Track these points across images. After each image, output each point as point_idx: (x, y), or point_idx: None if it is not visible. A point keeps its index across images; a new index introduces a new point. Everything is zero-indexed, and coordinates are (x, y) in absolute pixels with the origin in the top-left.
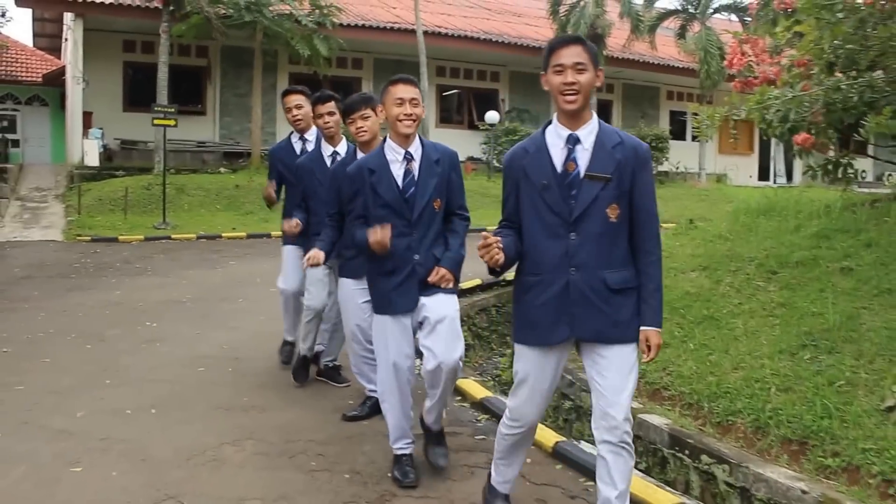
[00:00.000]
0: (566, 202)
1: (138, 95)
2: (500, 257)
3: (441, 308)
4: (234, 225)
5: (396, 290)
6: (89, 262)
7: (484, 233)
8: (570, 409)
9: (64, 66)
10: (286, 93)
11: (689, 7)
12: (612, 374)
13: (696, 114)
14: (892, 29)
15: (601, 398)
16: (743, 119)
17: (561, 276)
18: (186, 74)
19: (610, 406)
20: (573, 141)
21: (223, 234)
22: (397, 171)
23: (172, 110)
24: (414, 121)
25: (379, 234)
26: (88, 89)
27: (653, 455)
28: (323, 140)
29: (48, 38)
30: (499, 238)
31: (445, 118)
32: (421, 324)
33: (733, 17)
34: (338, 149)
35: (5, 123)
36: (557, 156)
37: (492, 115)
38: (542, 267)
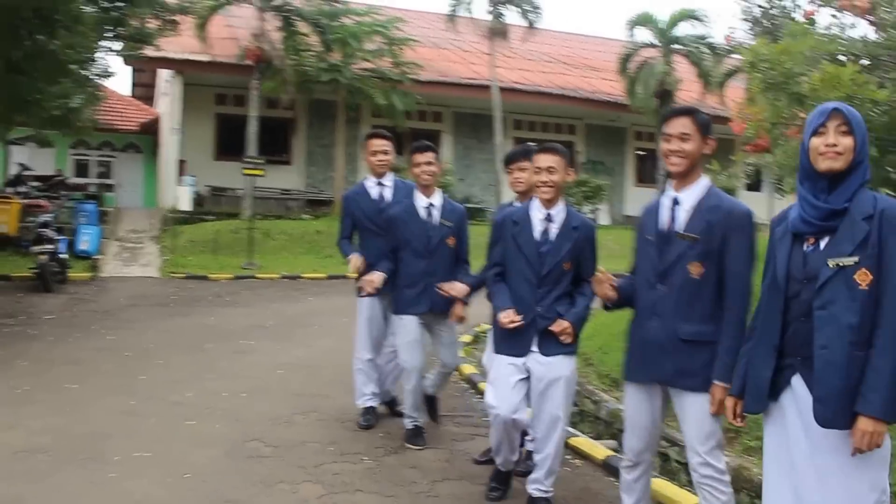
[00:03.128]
0: (661, 257)
1: (228, 145)
2: (612, 294)
3: (557, 369)
4: (315, 267)
5: (512, 336)
6: (184, 294)
7: (599, 269)
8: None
9: (158, 116)
10: (372, 136)
11: None
12: (686, 421)
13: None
14: None
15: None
16: None
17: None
18: (274, 126)
19: (687, 450)
20: (673, 201)
21: (304, 275)
22: (538, 228)
23: (261, 161)
24: (551, 187)
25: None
26: (182, 139)
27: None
28: (416, 190)
29: (143, 88)
30: (611, 277)
31: None
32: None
33: None
34: (433, 200)
35: (103, 169)
36: (664, 214)
37: None
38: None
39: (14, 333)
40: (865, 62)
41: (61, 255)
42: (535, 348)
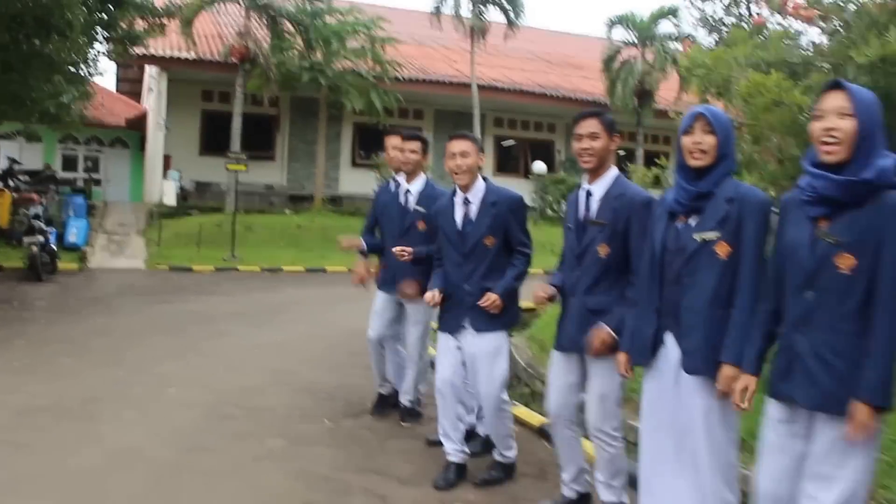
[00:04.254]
0: (578, 242)
1: (213, 141)
2: (549, 298)
3: (486, 344)
4: (295, 260)
5: (448, 313)
6: (169, 285)
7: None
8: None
9: (145, 111)
10: (395, 135)
11: None
12: (589, 382)
13: None
14: None
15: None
16: None
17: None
18: (258, 123)
19: (586, 408)
20: (587, 193)
21: (284, 268)
22: (459, 212)
23: (244, 157)
24: (465, 171)
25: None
26: (168, 134)
27: None
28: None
29: (130, 83)
30: (546, 293)
31: (502, 167)
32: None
33: None
34: (410, 186)
35: (90, 164)
36: (581, 205)
37: (538, 166)
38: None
39: (9, 317)
40: (798, 69)
41: (51, 247)
42: (466, 324)
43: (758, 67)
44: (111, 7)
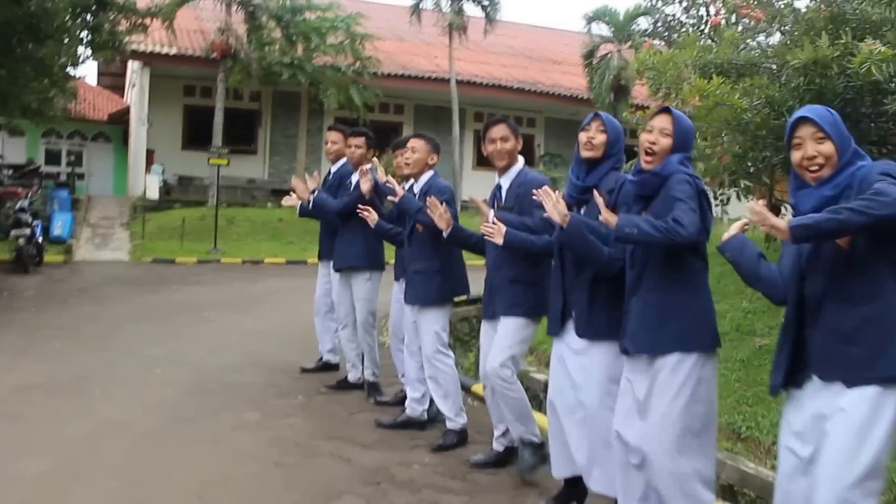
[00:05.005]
0: None
1: (196, 135)
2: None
3: (417, 315)
4: (276, 252)
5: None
6: (153, 276)
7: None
8: None
9: (128, 106)
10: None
11: None
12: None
13: None
14: None
15: None
16: None
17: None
18: (240, 117)
19: (488, 360)
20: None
21: (265, 260)
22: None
23: (226, 151)
24: (408, 164)
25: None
26: (151, 129)
27: None
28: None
29: (112, 77)
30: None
31: (483, 161)
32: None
33: None
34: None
35: (73, 158)
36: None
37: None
38: None
39: (0, 307)
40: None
41: (38, 239)
42: (405, 297)
43: (706, 69)
44: (96, 10)
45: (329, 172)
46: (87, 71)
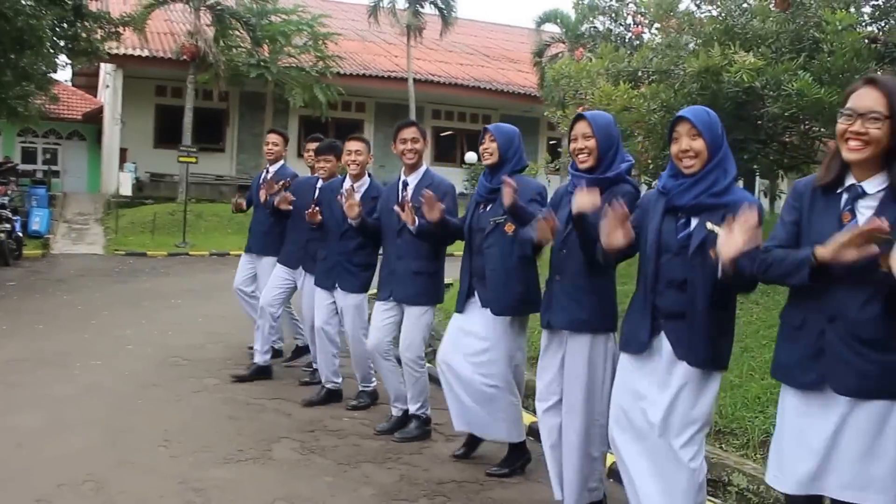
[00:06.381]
0: (399, 220)
1: (167, 134)
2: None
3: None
4: (241, 245)
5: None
6: (125, 268)
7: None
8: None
9: (101, 106)
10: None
11: None
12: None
13: None
14: None
15: None
16: None
17: None
18: (209, 116)
19: (401, 343)
20: (404, 183)
21: (231, 252)
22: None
23: (194, 150)
24: (357, 165)
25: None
26: (124, 128)
27: None
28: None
29: (86, 77)
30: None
31: (440, 157)
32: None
33: None
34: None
35: (48, 156)
36: (400, 193)
37: (470, 156)
38: None
39: None
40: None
41: (17, 234)
42: (336, 285)
43: (618, 77)
44: (74, 21)
45: (266, 171)
46: (63, 73)
